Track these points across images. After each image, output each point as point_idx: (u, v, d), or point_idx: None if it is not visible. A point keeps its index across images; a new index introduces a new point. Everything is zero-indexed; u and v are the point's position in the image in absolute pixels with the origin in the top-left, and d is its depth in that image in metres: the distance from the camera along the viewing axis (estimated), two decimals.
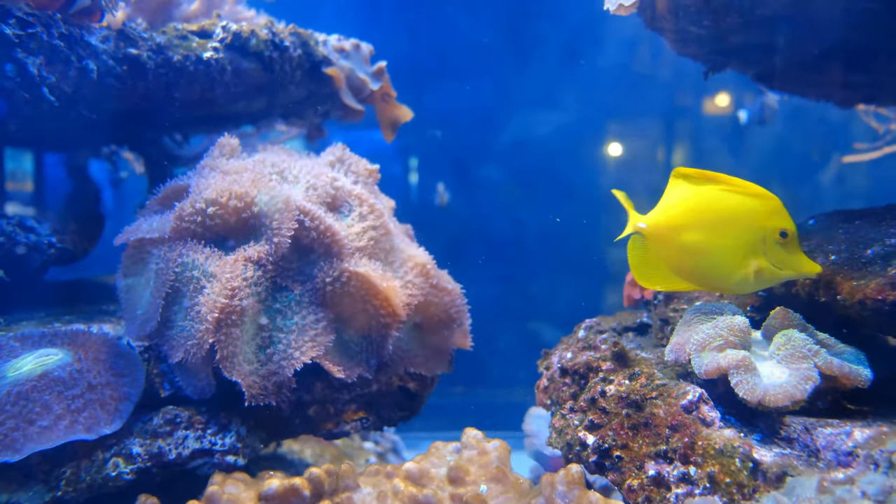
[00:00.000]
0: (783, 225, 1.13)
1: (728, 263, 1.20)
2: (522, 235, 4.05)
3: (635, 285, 1.81)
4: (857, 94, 1.84)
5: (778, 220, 1.14)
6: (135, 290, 1.46)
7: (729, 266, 1.20)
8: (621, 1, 1.39)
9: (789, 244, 1.14)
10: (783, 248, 1.14)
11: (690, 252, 1.24)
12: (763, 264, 1.16)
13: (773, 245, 1.15)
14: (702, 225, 1.22)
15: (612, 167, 4.07)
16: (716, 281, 1.24)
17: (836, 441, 1.04)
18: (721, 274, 1.21)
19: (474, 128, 4.05)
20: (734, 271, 1.19)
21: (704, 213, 1.21)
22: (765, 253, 1.16)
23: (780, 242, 1.14)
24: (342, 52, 1.99)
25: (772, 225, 1.14)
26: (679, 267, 1.27)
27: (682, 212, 1.24)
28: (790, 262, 1.15)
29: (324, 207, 1.53)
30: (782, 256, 1.15)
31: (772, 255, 1.15)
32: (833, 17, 1.32)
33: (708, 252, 1.21)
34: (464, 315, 1.70)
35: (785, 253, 1.15)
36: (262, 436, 1.54)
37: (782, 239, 1.13)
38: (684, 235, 1.24)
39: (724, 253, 1.19)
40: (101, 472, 1.34)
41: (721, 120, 3.92)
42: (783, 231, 1.13)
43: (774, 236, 1.14)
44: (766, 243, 1.15)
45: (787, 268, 1.15)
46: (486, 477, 1.22)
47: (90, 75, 1.46)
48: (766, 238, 1.15)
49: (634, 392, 1.24)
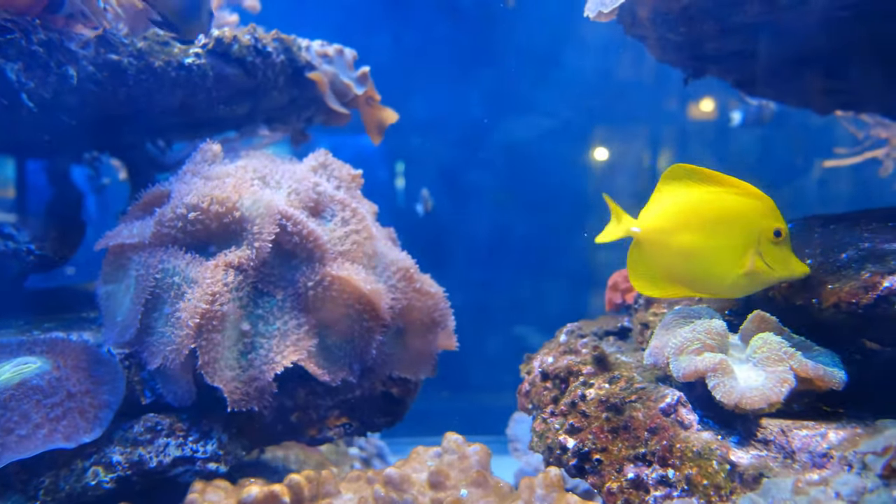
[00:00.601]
0: (777, 224, 1.13)
1: (722, 265, 1.18)
2: (508, 240, 4.07)
3: (617, 290, 1.82)
4: (834, 101, 1.86)
5: (772, 220, 1.14)
6: (115, 297, 1.46)
7: (723, 268, 1.18)
8: (601, 8, 1.40)
9: (782, 244, 1.14)
10: (777, 248, 1.14)
11: (683, 255, 1.22)
12: (758, 265, 1.16)
13: (768, 245, 1.14)
14: (694, 226, 1.20)
15: (597, 172, 4.10)
16: (709, 284, 1.22)
17: (812, 443, 1.05)
18: (715, 276, 1.20)
19: (460, 133, 4.06)
20: (728, 273, 1.18)
21: (697, 214, 1.20)
22: (759, 253, 1.15)
23: (774, 242, 1.14)
24: (325, 58, 1.99)
25: (766, 225, 1.14)
26: (671, 271, 1.25)
27: (673, 213, 1.22)
28: (782, 263, 1.14)
29: (306, 212, 1.53)
30: (776, 257, 1.14)
31: (766, 256, 1.15)
32: (807, 24, 1.34)
33: (701, 254, 1.20)
34: (447, 318, 1.70)
35: (778, 253, 1.14)
36: (245, 443, 1.53)
37: (776, 238, 1.13)
38: (676, 238, 1.22)
39: (718, 254, 1.18)
40: (80, 481, 1.33)
41: (705, 124, 3.95)
42: (777, 230, 1.13)
43: (769, 236, 1.14)
44: (761, 243, 1.15)
45: (780, 268, 1.15)
46: (467, 481, 1.23)
47: (70, 81, 1.45)
48: (761, 238, 1.14)
49: (614, 395, 1.25)
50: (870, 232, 1.22)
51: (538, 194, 4.05)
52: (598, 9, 1.37)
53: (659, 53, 1.66)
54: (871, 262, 1.11)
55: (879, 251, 1.13)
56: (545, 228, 4.01)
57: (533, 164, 4.08)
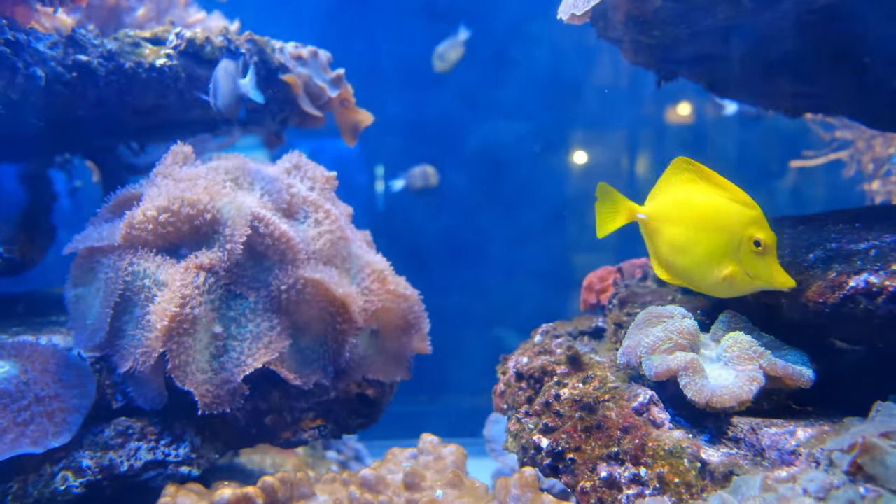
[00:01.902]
0: (759, 235, 1.13)
1: (705, 264, 1.20)
2: (485, 243, 4.07)
3: (591, 290, 1.83)
4: (804, 104, 1.88)
5: (755, 229, 1.14)
6: (84, 300, 1.44)
7: (706, 266, 1.20)
8: (573, 10, 1.41)
9: (765, 255, 1.14)
10: (758, 257, 1.14)
11: (674, 247, 1.24)
12: (736, 271, 1.16)
13: (748, 253, 1.15)
14: (686, 221, 1.22)
15: (573, 174, 4.12)
16: (693, 280, 1.24)
17: (781, 440, 1.07)
18: (698, 273, 1.22)
19: (438, 136, 4.06)
20: (709, 273, 1.19)
21: (689, 209, 1.22)
22: (739, 260, 1.16)
23: (756, 252, 1.14)
24: (300, 60, 1.98)
25: (748, 233, 1.14)
26: (665, 260, 1.28)
27: (671, 205, 1.25)
28: (763, 273, 1.14)
29: (279, 214, 1.52)
30: (756, 266, 1.15)
31: (746, 263, 1.15)
32: (775, 28, 1.36)
33: (688, 250, 1.22)
34: (422, 320, 1.70)
35: (759, 263, 1.14)
36: (218, 446, 1.52)
37: (756, 248, 1.14)
38: (670, 229, 1.24)
39: (702, 253, 1.20)
40: (49, 486, 1.31)
41: (682, 128, 3.99)
42: (757, 241, 1.13)
43: (749, 245, 1.14)
44: (741, 250, 1.15)
45: (759, 278, 1.15)
46: (442, 482, 1.23)
47: (38, 82, 1.43)
48: (742, 245, 1.15)
49: (588, 395, 1.26)
50: (837, 233, 1.24)
51: (515, 197, 4.06)
52: (570, 11, 1.38)
53: (632, 56, 1.67)
54: (837, 262, 1.13)
55: (846, 251, 1.14)
56: (522, 231, 4.02)
57: (509, 167, 4.09)
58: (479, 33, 3.92)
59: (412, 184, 3.73)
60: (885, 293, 1.03)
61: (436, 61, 3.63)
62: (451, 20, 3.93)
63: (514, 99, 4.12)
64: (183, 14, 1.90)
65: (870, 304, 1.05)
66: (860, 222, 1.27)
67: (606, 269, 1.90)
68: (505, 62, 4.09)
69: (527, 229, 4.01)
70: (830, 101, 1.79)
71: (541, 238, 3.98)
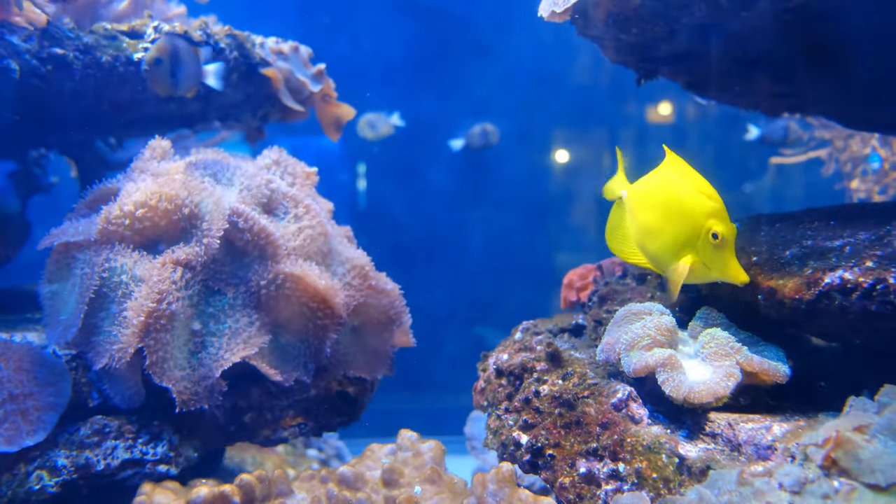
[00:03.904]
0: (717, 228, 1.15)
1: (667, 251, 1.22)
2: (467, 240, 4.08)
3: (572, 288, 1.84)
4: (782, 103, 1.90)
5: (713, 222, 1.16)
6: (59, 296, 1.42)
7: (668, 253, 1.22)
8: (553, 7, 1.41)
9: (723, 248, 1.16)
10: (715, 249, 1.16)
11: (643, 230, 1.27)
12: (694, 260, 1.19)
13: (706, 245, 1.17)
14: (655, 207, 1.25)
15: (555, 172, 4.13)
16: (658, 263, 1.27)
17: (757, 435, 1.08)
18: (662, 259, 1.24)
19: (420, 134, 4.06)
20: (673, 259, 1.22)
21: (659, 196, 1.25)
22: (698, 250, 1.18)
23: (713, 244, 1.16)
24: (280, 55, 1.97)
25: (707, 225, 1.16)
26: (637, 240, 1.31)
27: (647, 191, 1.28)
28: (719, 265, 1.17)
29: (258, 209, 1.51)
30: (713, 258, 1.17)
31: (703, 254, 1.18)
32: (753, 27, 1.37)
33: (654, 235, 1.25)
34: (403, 315, 1.70)
35: (716, 255, 1.17)
36: (197, 444, 1.50)
37: (714, 241, 1.16)
38: (642, 213, 1.28)
39: (665, 239, 1.22)
40: (23, 486, 1.29)
41: (662, 128, 4.02)
42: (715, 234, 1.16)
43: (707, 237, 1.16)
44: (700, 241, 1.17)
45: (716, 269, 1.17)
46: (421, 478, 1.22)
47: (12, 75, 1.41)
48: (701, 236, 1.17)
49: (567, 392, 1.26)
50: (812, 230, 1.25)
51: (497, 194, 4.07)
52: (550, 8, 1.38)
53: (612, 55, 1.67)
54: (813, 259, 1.14)
55: (821, 248, 1.16)
56: (504, 228, 4.03)
57: (492, 165, 4.10)
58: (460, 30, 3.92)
59: (471, 143, 3.56)
60: (859, 289, 1.04)
61: (364, 127, 3.52)
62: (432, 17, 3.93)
63: (496, 97, 4.12)
64: (163, 8, 1.88)
65: (844, 301, 1.06)
66: (835, 220, 1.28)
67: (587, 266, 1.91)
68: (487, 59, 4.09)
69: (509, 227, 4.02)
70: (807, 101, 1.81)
71: (523, 235, 3.99)
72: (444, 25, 4.06)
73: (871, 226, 1.19)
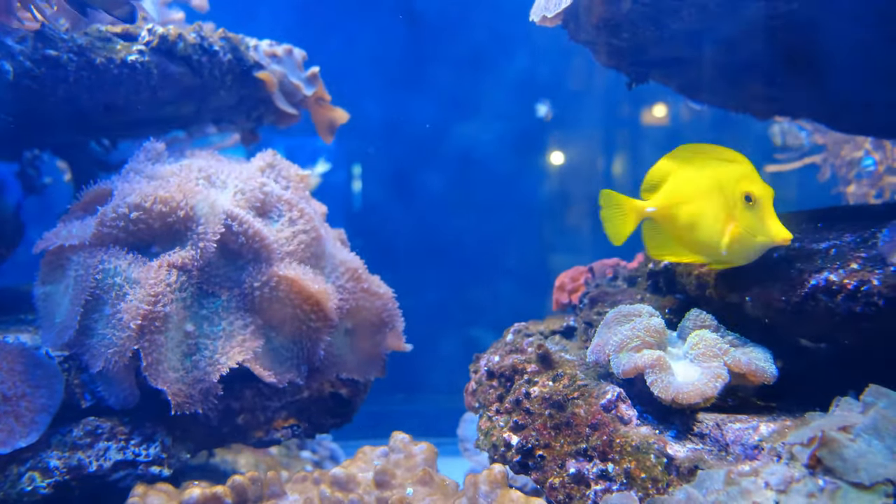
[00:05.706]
0: (748, 188, 1.11)
1: (713, 232, 1.18)
2: (461, 242, 4.08)
3: (563, 290, 1.85)
4: (773, 107, 1.92)
5: (745, 184, 1.12)
6: (53, 298, 1.42)
7: (714, 234, 1.18)
8: (545, 13, 1.42)
9: (760, 209, 1.11)
10: (752, 212, 1.12)
11: (688, 226, 1.24)
12: (737, 231, 1.14)
13: (743, 210, 1.13)
14: (692, 198, 1.22)
15: (549, 175, 4.15)
16: (709, 251, 1.23)
17: (744, 435, 1.09)
18: (711, 244, 1.20)
19: (415, 136, 4.07)
20: (719, 240, 1.17)
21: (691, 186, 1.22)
22: (737, 219, 1.14)
23: (749, 207, 1.12)
24: (274, 58, 1.98)
25: (739, 189, 1.13)
26: (683, 240, 1.27)
27: (675, 190, 1.25)
28: (759, 227, 1.12)
29: (252, 212, 1.52)
30: (753, 222, 1.12)
31: (742, 221, 1.13)
32: (741, 32, 1.38)
33: (699, 223, 1.21)
34: (396, 318, 1.70)
35: (755, 218, 1.12)
36: (190, 446, 1.51)
37: (747, 203, 1.12)
38: (681, 211, 1.24)
39: (708, 221, 1.19)
40: (15, 487, 1.29)
41: (657, 130, 4.04)
42: (748, 195, 1.12)
43: (742, 201, 1.13)
44: (737, 209, 1.13)
45: (759, 233, 1.13)
46: (413, 479, 1.23)
47: (6, 77, 1.41)
48: (736, 203, 1.13)
49: (557, 393, 1.27)
50: (799, 232, 1.27)
51: (491, 197, 4.08)
52: (542, 13, 1.40)
53: (604, 59, 1.69)
54: (799, 261, 1.16)
55: (807, 250, 1.17)
56: (498, 231, 4.04)
57: (486, 167, 4.11)
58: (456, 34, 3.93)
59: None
60: (844, 291, 1.05)
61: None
62: (428, 20, 3.94)
63: (491, 99, 4.13)
64: (162, 13, 1.88)
65: (830, 302, 1.07)
66: (822, 222, 1.30)
67: (578, 269, 1.92)
68: (482, 63, 4.11)
69: (502, 229, 4.03)
70: (796, 105, 1.83)
71: (516, 238, 4.00)
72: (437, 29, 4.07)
73: (856, 228, 1.20)
